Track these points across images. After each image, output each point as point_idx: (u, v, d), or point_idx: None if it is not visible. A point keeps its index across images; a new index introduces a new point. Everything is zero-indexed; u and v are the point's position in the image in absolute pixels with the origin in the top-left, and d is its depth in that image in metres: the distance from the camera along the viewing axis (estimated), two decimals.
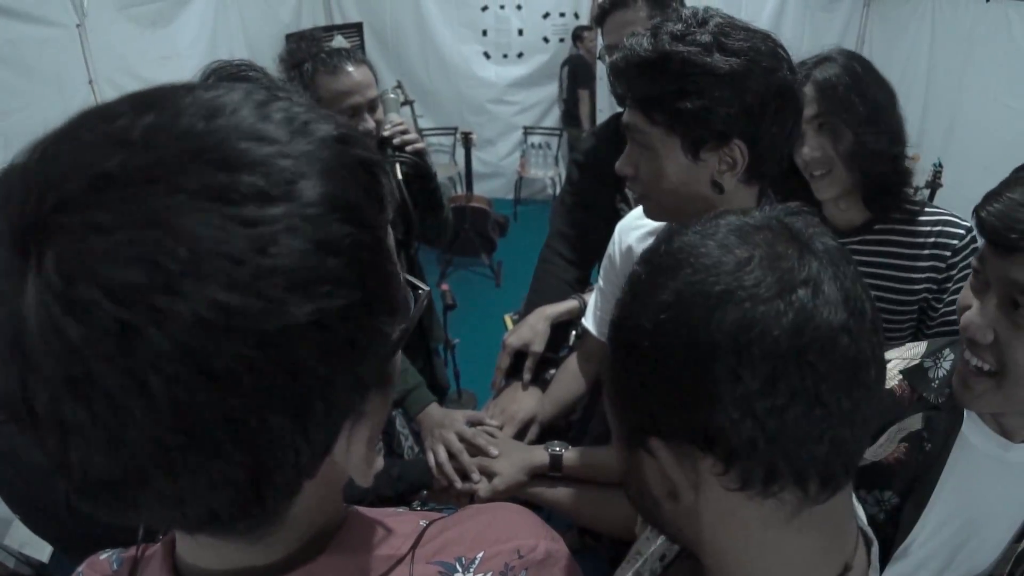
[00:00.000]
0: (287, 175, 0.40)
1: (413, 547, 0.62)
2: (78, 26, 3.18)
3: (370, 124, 2.00)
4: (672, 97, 1.10)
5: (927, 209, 1.60)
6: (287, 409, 0.41)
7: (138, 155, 0.38)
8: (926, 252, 1.56)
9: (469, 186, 5.91)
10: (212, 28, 4.46)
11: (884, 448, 1.08)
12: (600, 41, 1.97)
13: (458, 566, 0.62)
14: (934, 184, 4.30)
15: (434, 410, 1.61)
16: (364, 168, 0.47)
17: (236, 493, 0.42)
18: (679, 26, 1.11)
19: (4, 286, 0.37)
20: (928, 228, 1.57)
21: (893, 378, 1.11)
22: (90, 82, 3.33)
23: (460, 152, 6.10)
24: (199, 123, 0.40)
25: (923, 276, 1.56)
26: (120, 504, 0.42)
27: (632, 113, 1.17)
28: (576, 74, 6.31)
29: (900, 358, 1.14)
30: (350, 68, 1.91)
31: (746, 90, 1.08)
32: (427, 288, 0.59)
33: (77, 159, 0.38)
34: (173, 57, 3.97)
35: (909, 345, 1.18)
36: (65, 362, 0.36)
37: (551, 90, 6.88)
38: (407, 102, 5.93)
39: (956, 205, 1.71)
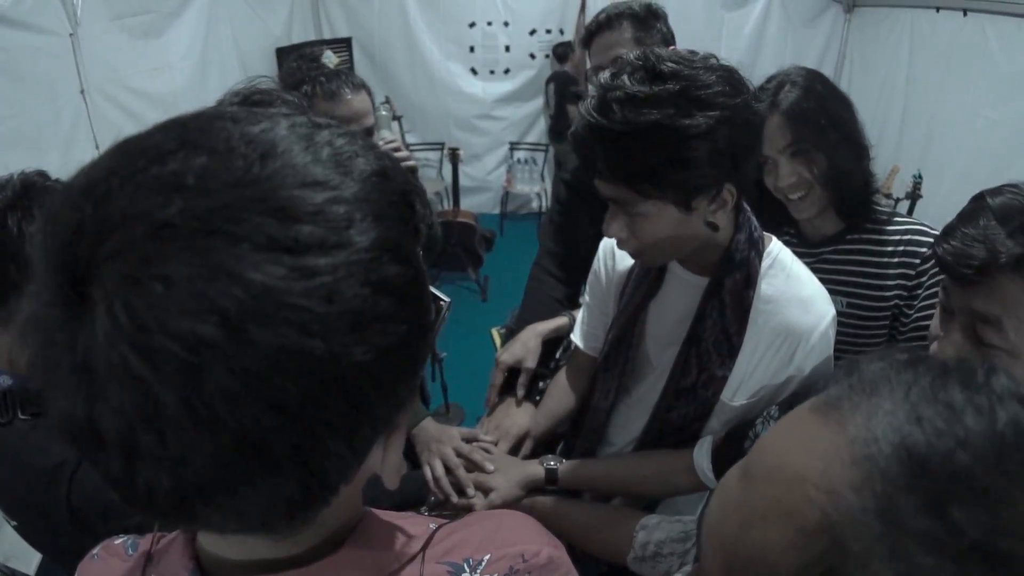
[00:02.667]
0: (342, 222, 0.42)
1: (424, 547, 0.65)
2: (71, 35, 3.18)
3: None
4: (659, 168, 1.11)
5: (896, 219, 1.65)
6: (341, 431, 0.44)
7: (196, 203, 0.39)
8: (896, 260, 1.61)
9: (456, 201, 5.94)
10: (203, 41, 4.47)
11: None
12: (587, 61, 1.99)
13: (466, 567, 0.65)
14: (914, 195, 4.37)
15: (429, 425, 1.62)
16: (404, 201, 0.49)
17: (289, 505, 0.45)
18: (640, 88, 1.08)
19: (64, 321, 0.39)
20: (898, 237, 1.62)
21: None
22: (82, 91, 3.33)
23: (447, 167, 6.13)
24: (253, 167, 0.41)
25: (893, 283, 1.61)
26: (180, 516, 0.45)
27: (615, 188, 1.17)
28: (562, 89, 6.38)
29: None
30: (349, 95, 1.94)
31: (728, 138, 1.09)
32: (448, 300, 0.62)
33: (133, 204, 0.39)
34: (164, 69, 3.98)
35: None
36: (137, 397, 0.38)
37: (537, 105, 6.96)
38: (395, 117, 5.97)
39: (935, 215, 1.76)
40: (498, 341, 3.66)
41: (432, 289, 0.60)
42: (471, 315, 5.20)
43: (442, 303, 0.60)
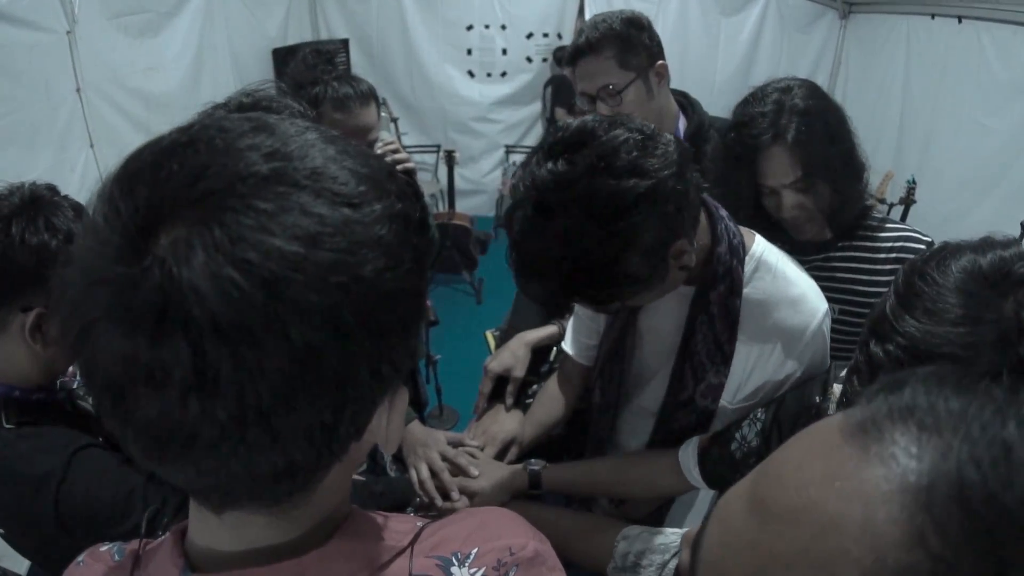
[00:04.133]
0: (371, 195, 0.51)
1: (412, 542, 0.67)
2: (68, 33, 3.17)
3: None
4: (604, 292, 1.09)
5: (888, 225, 1.65)
6: (371, 362, 0.51)
7: (272, 164, 0.48)
8: (887, 267, 1.61)
9: (451, 203, 5.94)
10: (198, 41, 4.45)
11: None
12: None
13: (454, 560, 0.67)
14: (908, 200, 4.35)
15: (416, 428, 1.63)
16: (410, 187, 0.58)
17: (319, 438, 0.50)
18: (535, 225, 1.04)
19: (129, 262, 0.44)
20: (889, 244, 1.62)
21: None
22: (77, 90, 3.32)
23: (443, 169, 6.13)
24: (306, 150, 0.51)
25: (884, 290, 1.61)
26: (210, 460, 0.48)
27: (583, 308, 1.20)
28: (559, 93, 6.38)
29: None
30: (356, 109, 1.95)
31: (654, 232, 1.05)
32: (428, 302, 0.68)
33: (221, 159, 0.47)
34: (159, 68, 3.96)
35: None
36: (226, 308, 0.43)
37: (534, 109, 6.95)
38: (392, 119, 5.97)
39: (929, 221, 1.76)
40: (492, 344, 3.65)
41: None
42: (466, 317, 5.21)
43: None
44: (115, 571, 0.68)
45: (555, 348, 1.85)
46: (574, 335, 1.64)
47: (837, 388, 1.17)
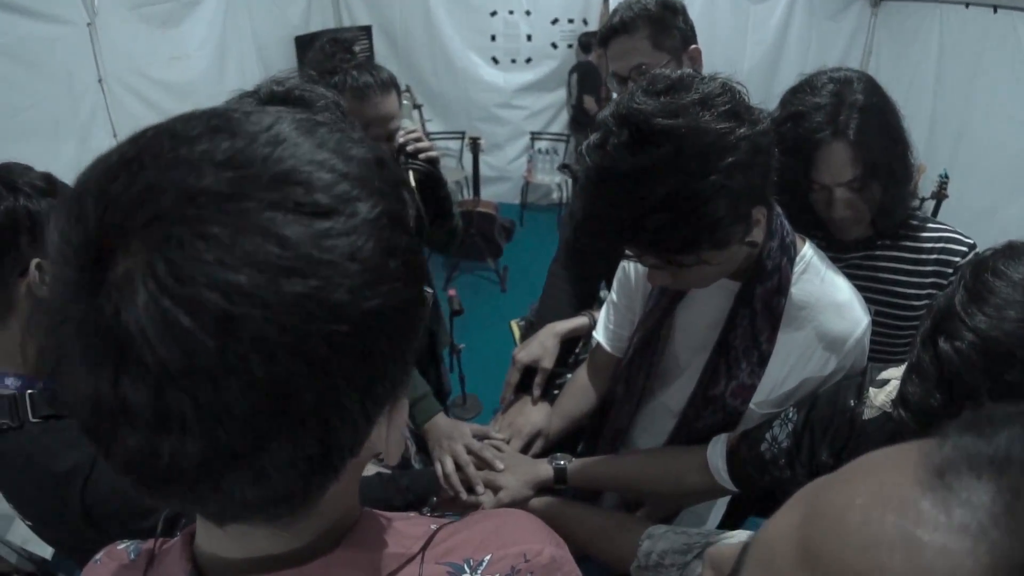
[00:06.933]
0: (352, 194, 0.46)
1: (424, 548, 0.65)
2: (89, 25, 3.18)
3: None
4: (680, 240, 1.04)
5: (930, 225, 1.59)
6: (357, 387, 0.47)
7: (227, 175, 0.42)
8: (929, 268, 1.55)
9: (476, 190, 5.91)
10: (221, 29, 4.45)
11: None
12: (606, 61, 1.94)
13: (466, 567, 0.65)
14: (939, 195, 4.25)
15: (441, 420, 1.61)
16: (401, 186, 0.53)
17: (307, 468, 0.47)
18: (632, 160, 0.99)
19: (89, 292, 0.41)
20: (931, 244, 1.56)
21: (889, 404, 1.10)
22: (99, 81, 3.33)
23: (468, 156, 6.10)
24: (272, 151, 0.45)
25: (925, 292, 1.56)
26: (197, 492, 0.46)
27: (654, 272, 1.14)
28: (584, 80, 6.31)
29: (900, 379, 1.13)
30: (377, 98, 1.89)
31: (746, 178, 1.01)
32: (432, 290, 0.63)
33: (168, 177, 0.42)
34: (182, 58, 3.97)
35: None
36: (174, 352, 0.39)
37: (559, 96, 6.88)
38: (415, 106, 5.94)
39: (961, 216, 1.71)
40: (517, 333, 3.64)
41: None
42: (490, 306, 5.20)
43: (428, 292, 0.62)
44: (128, 570, 0.68)
45: (581, 344, 1.82)
46: (606, 324, 1.60)
47: (873, 392, 1.12)
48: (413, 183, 2.02)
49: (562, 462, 1.46)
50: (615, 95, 1.77)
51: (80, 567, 0.73)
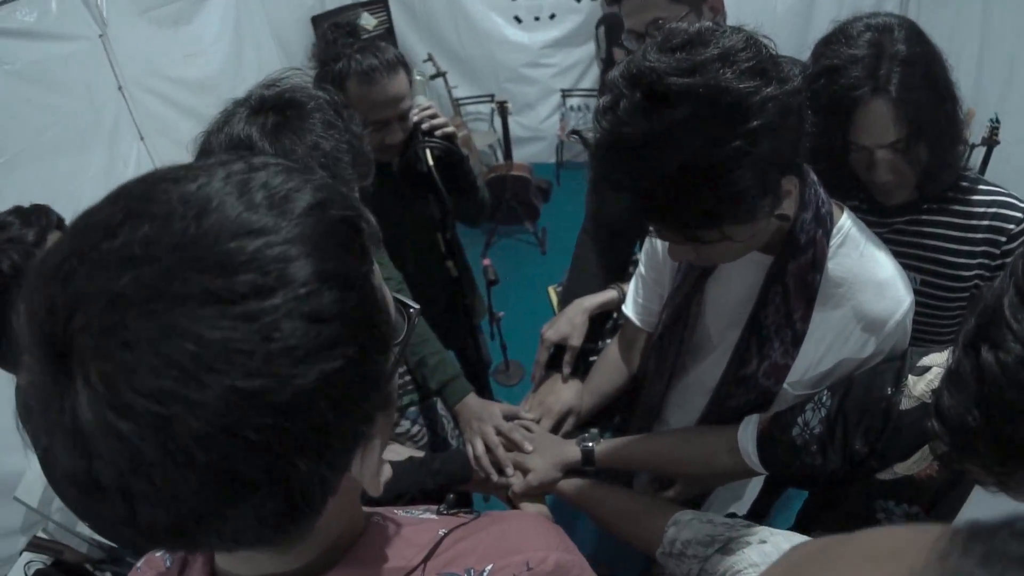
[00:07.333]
0: (278, 264, 0.46)
1: (426, 559, 0.67)
2: (101, 36, 3.20)
3: (397, 136, 1.96)
4: (702, 213, 0.95)
5: (982, 187, 1.45)
6: (310, 453, 0.48)
7: (143, 271, 0.43)
8: (979, 236, 1.42)
9: (508, 154, 5.84)
10: (235, 19, 4.41)
11: (917, 464, 1.02)
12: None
13: None
14: (990, 141, 3.86)
15: (472, 401, 1.63)
16: (345, 224, 0.53)
17: (277, 521, 0.50)
18: (647, 125, 0.90)
19: (54, 391, 0.44)
20: (983, 209, 1.42)
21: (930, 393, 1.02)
22: (119, 88, 3.37)
23: (499, 120, 6.01)
24: (190, 228, 0.45)
25: (975, 262, 1.44)
26: (182, 543, 0.52)
27: (675, 248, 1.08)
28: (612, 32, 6.12)
29: (942, 367, 1.03)
30: (384, 80, 1.85)
31: (773, 144, 0.91)
32: (417, 307, 0.65)
33: (92, 281, 0.44)
34: (199, 53, 3.96)
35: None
36: (122, 450, 0.43)
37: (587, 50, 6.67)
38: (439, 74, 5.86)
39: (1014, 163, 1.56)
40: (555, 300, 3.61)
41: (398, 296, 0.65)
42: (530, 270, 5.16)
43: (411, 310, 0.61)
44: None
45: (614, 314, 1.79)
46: (635, 299, 1.56)
47: (912, 380, 1.05)
48: (431, 161, 1.99)
49: (590, 443, 1.44)
50: None
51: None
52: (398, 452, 1.59)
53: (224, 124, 1.18)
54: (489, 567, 0.67)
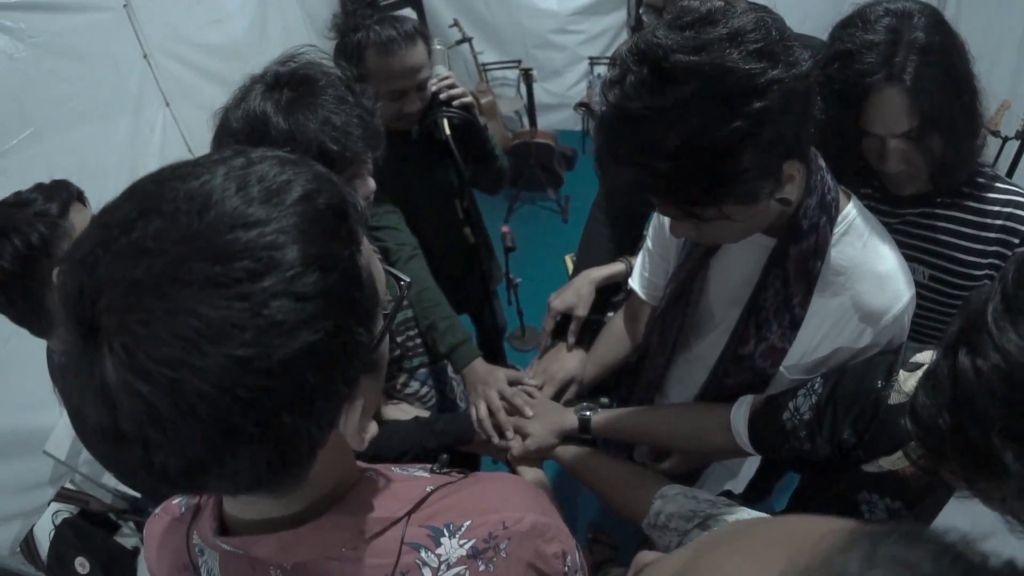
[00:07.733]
0: (269, 252, 0.54)
1: (410, 512, 0.74)
2: (125, 6, 3.20)
3: (416, 106, 1.98)
4: (704, 190, 0.96)
5: (999, 184, 1.41)
6: (297, 411, 0.56)
7: (155, 261, 0.52)
8: (992, 235, 1.39)
9: (533, 121, 5.80)
10: None
11: (902, 460, 1.02)
12: None
13: (445, 531, 0.73)
14: None
15: (479, 365, 1.67)
16: (332, 212, 0.60)
17: (271, 467, 0.58)
18: (650, 102, 0.90)
19: (84, 359, 0.52)
20: (998, 208, 1.39)
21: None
22: (144, 56, 3.38)
23: (524, 86, 5.97)
24: (194, 222, 0.54)
25: (986, 261, 1.41)
26: (191, 485, 0.61)
27: (676, 224, 1.08)
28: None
29: None
30: (402, 51, 1.87)
31: (778, 125, 0.91)
32: (408, 280, 0.77)
33: (114, 270, 0.52)
34: (224, 20, 3.94)
35: None
36: (140, 406, 0.51)
37: (617, 18, 6.55)
38: (464, 40, 5.81)
39: None
40: (571, 268, 3.62)
41: (390, 269, 0.76)
42: (551, 237, 5.14)
43: (402, 283, 0.68)
44: (178, 523, 0.82)
45: (621, 286, 1.81)
46: (641, 272, 1.58)
47: (903, 375, 1.05)
48: (448, 131, 2.02)
49: (587, 412, 1.48)
50: None
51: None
52: (405, 412, 1.66)
53: (241, 100, 1.24)
54: (468, 523, 0.73)
